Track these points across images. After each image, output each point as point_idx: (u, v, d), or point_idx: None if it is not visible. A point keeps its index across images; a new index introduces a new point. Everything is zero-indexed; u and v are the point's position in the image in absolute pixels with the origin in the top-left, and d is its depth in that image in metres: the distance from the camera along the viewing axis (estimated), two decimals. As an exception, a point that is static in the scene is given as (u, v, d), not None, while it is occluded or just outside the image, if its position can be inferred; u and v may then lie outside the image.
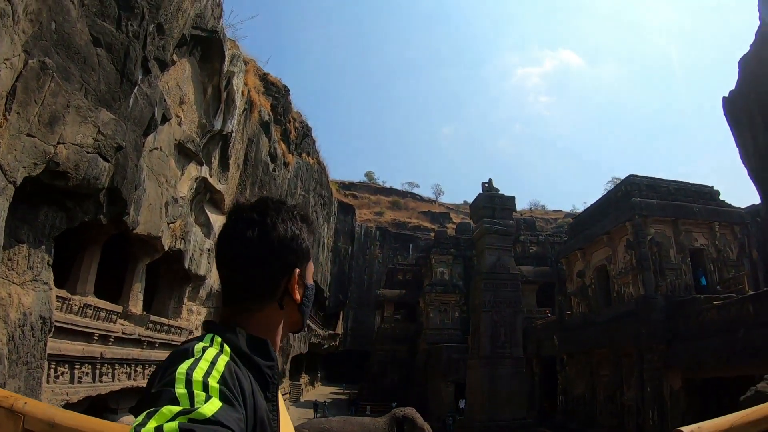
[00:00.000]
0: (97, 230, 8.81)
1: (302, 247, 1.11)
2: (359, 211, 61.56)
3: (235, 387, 0.85)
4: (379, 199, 68.35)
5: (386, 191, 72.45)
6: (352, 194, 65.60)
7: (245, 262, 1.04)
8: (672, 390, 17.26)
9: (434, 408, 29.53)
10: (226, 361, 0.88)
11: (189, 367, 0.84)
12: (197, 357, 0.87)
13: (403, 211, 66.60)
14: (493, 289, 20.86)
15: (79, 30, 6.47)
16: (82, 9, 6.61)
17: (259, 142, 17.85)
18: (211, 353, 0.89)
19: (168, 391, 0.79)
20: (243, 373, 0.92)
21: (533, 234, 34.75)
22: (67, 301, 7.82)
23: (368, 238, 59.54)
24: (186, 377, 0.81)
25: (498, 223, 21.36)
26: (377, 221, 61.90)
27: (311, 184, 32.50)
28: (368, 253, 58.82)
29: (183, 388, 0.79)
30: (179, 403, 0.76)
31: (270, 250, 1.05)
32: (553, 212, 66.17)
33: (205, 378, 0.82)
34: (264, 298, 1.07)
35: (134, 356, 9.96)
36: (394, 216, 63.83)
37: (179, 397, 0.77)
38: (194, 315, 13.27)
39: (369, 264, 57.42)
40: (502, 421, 19.55)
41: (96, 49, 6.80)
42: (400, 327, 39.81)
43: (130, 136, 7.80)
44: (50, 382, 7.43)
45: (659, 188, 21.02)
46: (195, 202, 13.05)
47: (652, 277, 19.10)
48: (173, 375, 0.82)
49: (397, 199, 69.56)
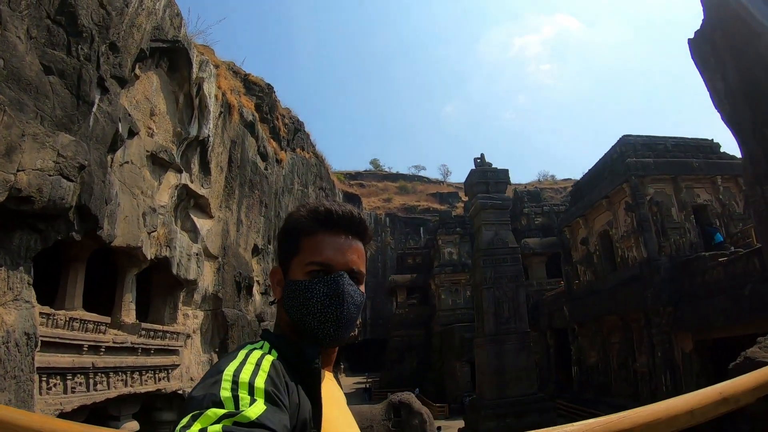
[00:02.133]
0: (77, 247, 9.43)
1: (288, 242, 1.12)
2: (367, 199, 62.19)
3: (282, 386, 0.88)
4: (386, 186, 68.78)
5: (393, 177, 72.82)
6: (358, 183, 66.25)
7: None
8: (683, 353, 17.26)
9: (452, 389, 30.12)
10: (271, 361, 0.91)
11: (236, 369, 0.86)
12: (242, 359, 0.90)
13: (411, 195, 67.02)
14: (493, 265, 20.92)
15: (28, 62, 7.00)
16: (31, 42, 7.13)
17: (244, 143, 18.34)
18: (256, 355, 0.92)
19: (213, 394, 0.81)
20: (288, 372, 0.95)
21: (538, 205, 34.92)
22: (51, 317, 8.46)
23: (378, 225, 60.09)
24: (233, 378, 0.84)
25: (493, 198, 21.37)
26: (386, 208, 62.45)
27: (310, 178, 32.97)
28: (379, 240, 59.44)
29: (228, 390, 0.81)
30: (224, 406, 0.79)
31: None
32: (562, 182, 65.57)
33: (251, 379, 0.84)
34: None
35: (129, 364, 10.62)
36: (402, 201, 64.30)
37: (224, 400, 0.80)
38: (190, 319, 13.92)
39: (381, 251, 58.05)
40: (511, 397, 19.78)
41: (48, 77, 7.33)
42: (414, 311, 40.40)
43: (94, 155, 8.36)
44: (43, 393, 8.10)
45: (656, 146, 20.82)
46: (180, 209, 13.62)
47: (655, 238, 19.04)
48: (219, 376, 0.84)
49: (404, 184, 69.89)
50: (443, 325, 33.79)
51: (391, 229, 60.50)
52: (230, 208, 16.81)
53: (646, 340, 19.00)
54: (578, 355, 24.66)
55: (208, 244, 14.64)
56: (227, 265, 15.93)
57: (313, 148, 33.95)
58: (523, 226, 34.20)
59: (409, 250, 45.46)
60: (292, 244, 1.11)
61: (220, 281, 15.35)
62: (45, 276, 10.16)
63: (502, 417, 19.24)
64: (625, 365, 20.71)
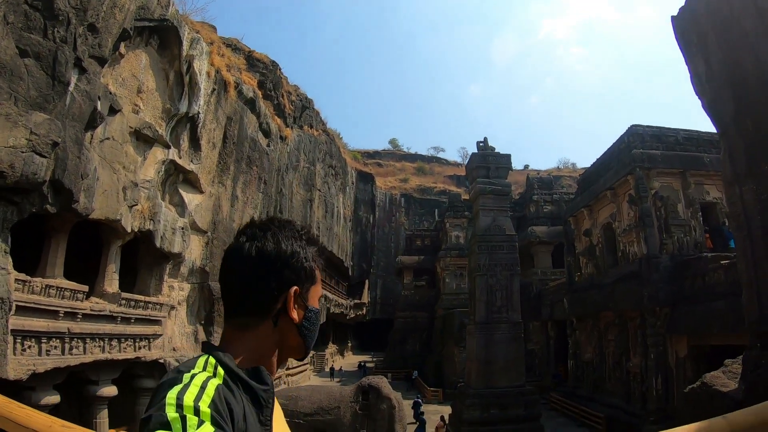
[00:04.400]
0: (58, 219, 10.26)
1: (303, 266, 1.15)
2: (384, 178, 62.78)
3: (225, 411, 0.88)
4: (403, 166, 69.27)
5: (411, 157, 73.29)
6: (376, 162, 66.83)
7: (242, 275, 1.10)
8: (677, 357, 16.98)
9: (449, 374, 30.65)
10: (216, 385, 0.92)
11: (179, 391, 0.87)
12: (186, 383, 0.90)
13: (428, 176, 67.35)
14: (488, 252, 20.68)
15: (4, 47, 7.67)
16: (7, 27, 7.81)
17: (243, 120, 18.97)
18: (200, 378, 0.92)
19: (160, 415, 0.82)
20: (236, 396, 0.96)
21: (548, 193, 34.82)
22: (27, 283, 9.32)
23: (393, 205, 60.82)
24: (177, 402, 0.84)
25: (492, 183, 21.14)
26: (402, 188, 63.04)
27: (318, 156, 33.61)
28: (393, 220, 60.18)
29: (174, 412, 0.82)
30: (171, 428, 0.80)
31: (267, 264, 1.10)
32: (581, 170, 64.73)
33: (195, 402, 0.85)
34: (259, 314, 1.10)
35: (107, 331, 11.52)
36: (419, 182, 64.72)
37: (171, 421, 0.81)
38: (176, 291, 14.80)
39: (395, 231, 58.79)
40: (498, 388, 19.67)
41: (23, 60, 8.02)
42: (420, 293, 40.94)
43: (69, 132, 9.08)
44: (17, 354, 8.98)
45: (665, 138, 20.40)
46: (168, 183, 14.38)
47: (657, 234, 18.75)
48: (164, 400, 0.85)
49: (422, 165, 70.28)
50: (446, 309, 34.19)
51: (405, 209, 61.20)
52: (224, 183, 17.52)
53: (640, 340, 18.85)
54: (575, 349, 24.76)
55: (197, 218, 15.39)
56: (217, 239, 16.70)
57: (323, 125, 34.46)
58: (532, 214, 34.26)
59: (418, 231, 45.87)
60: (310, 273, 1.18)
61: (208, 255, 16.14)
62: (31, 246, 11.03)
63: (486, 407, 19.16)
64: (620, 364, 20.64)
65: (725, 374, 8.58)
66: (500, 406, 19.49)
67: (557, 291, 26.78)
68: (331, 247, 40.87)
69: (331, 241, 41.20)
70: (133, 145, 12.04)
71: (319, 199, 35.96)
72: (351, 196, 51.27)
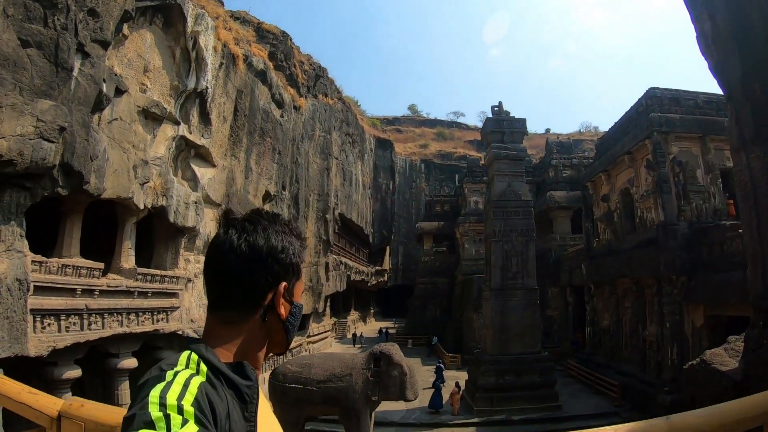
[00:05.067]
0: (72, 201, 10.75)
1: (291, 262, 1.15)
2: (403, 144, 62.70)
3: (207, 410, 0.88)
4: (423, 132, 69.05)
5: (430, 123, 73.01)
6: (395, 129, 66.76)
7: (230, 269, 1.09)
8: (694, 326, 16.86)
9: (468, 340, 31.08)
10: (198, 384, 0.92)
11: (162, 389, 0.87)
12: (169, 380, 0.90)
13: (448, 141, 67.03)
14: (504, 218, 20.79)
15: (5, 39, 7.97)
16: (8, 19, 8.09)
17: (253, 92, 19.16)
18: (183, 376, 0.92)
19: (144, 414, 0.83)
20: (220, 393, 0.96)
21: (567, 157, 34.35)
22: (44, 264, 9.89)
23: (413, 171, 60.84)
24: (160, 401, 0.85)
25: (507, 148, 21.11)
26: (422, 154, 62.91)
27: (334, 124, 33.68)
28: (414, 186, 60.29)
29: (158, 411, 0.83)
30: (155, 427, 0.81)
31: (256, 258, 1.09)
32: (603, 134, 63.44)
33: (179, 401, 0.85)
34: (247, 308, 1.10)
35: (124, 306, 12.17)
36: (439, 147, 64.47)
37: (155, 420, 0.81)
38: (192, 264, 15.37)
39: (416, 197, 58.97)
40: (513, 354, 20.10)
41: (26, 50, 8.33)
42: (440, 259, 41.29)
43: (76, 116, 9.45)
44: (37, 332, 9.62)
45: (685, 101, 19.85)
46: (180, 159, 14.77)
47: (674, 201, 18.46)
48: (146, 399, 0.85)
49: (442, 130, 69.99)
50: (465, 274, 34.52)
51: (426, 175, 61.19)
52: (236, 156, 17.86)
53: (656, 308, 18.73)
54: (592, 315, 24.83)
55: (210, 192, 15.81)
56: (231, 211, 17.14)
57: (339, 94, 34.40)
58: (551, 178, 33.92)
59: (437, 197, 45.92)
60: (297, 269, 1.18)
61: (223, 227, 16.60)
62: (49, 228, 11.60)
63: (501, 374, 19.70)
64: (636, 332, 20.63)
65: (727, 352, 8.45)
66: (515, 372, 19.87)
67: (576, 257, 26.76)
68: (350, 214, 41.28)
69: (350, 209, 41.59)
70: (142, 124, 12.40)
71: (336, 167, 36.16)
72: (370, 163, 51.39)
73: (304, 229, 27.90)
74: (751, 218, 9.17)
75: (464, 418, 18.91)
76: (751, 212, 9.15)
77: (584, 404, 19.95)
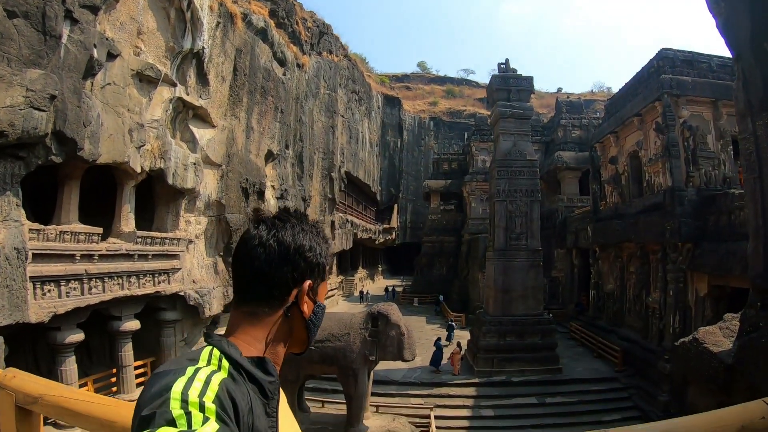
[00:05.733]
0: (68, 167, 10.84)
1: (318, 261, 1.17)
2: (412, 102, 61.96)
3: (229, 407, 0.89)
4: (432, 89, 67.94)
5: (440, 80, 71.68)
6: (405, 86, 65.79)
7: (258, 263, 1.11)
8: (697, 295, 16.81)
9: (473, 299, 31.48)
10: (220, 380, 0.92)
11: (184, 386, 0.87)
12: (190, 376, 0.90)
13: (458, 99, 65.96)
14: (508, 177, 20.71)
15: (-9, 12, 7.87)
16: (-8, -8, 7.95)
17: (254, 51, 18.88)
18: (204, 372, 0.93)
19: (165, 412, 0.82)
20: (242, 388, 0.96)
21: (577, 117, 33.74)
22: (41, 232, 10.09)
23: (422, 129, 60.29)
24: (182, 397, 0.85)
25: (513, 106, 20.78)
26: (431, 111, 62.16)
27: (339, 82, 33.24)
28: (423, 144, 59.85)
29: (180, 408, 0.83)
30: (176, 425, 0.80)
31: (284, 254, 1.11)
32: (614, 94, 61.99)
33: (200, 398, 0.85)
34: (271, 303, 1.12)
35: (125, 269, 12.44)
36: (448, 105, 63.58)
37: (176, 418, 0.81)
38: (192, 225, 15.59)
39: (425, 155, 58.60)
40: (515, 316, 20.35)
41: (12, 21, 8.27)
42: (447, 218, 41.33)
43: (67, 83, 9.44)
44: (38, 299, 9.92)
45: (698, 64, 19.25)
46: (178, 121, 14.77)
47: (683, 166, 18.15)
48: (168, 394, 0.85)
49: (451, 88, 68.80)
50: (472, 233, 34.67)
51: (435, 133, 60.62)
52: (237, 116, 17.78)
53: (661, 275, 18.70)
54: (597, 279, 24.95)
55: (210, 152, 15.84)
56: (232, 172, 17.22)
57: (344, 50, 33.84)
58: (559, 139, 33.46)
59: (445, 155, 45.51)
60: (322, 270, 1.20)
61: (224, 188, 16.74)
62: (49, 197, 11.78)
63: (503, 335, 20.06)
64: (640, 298, 20.69)
65: (721, 330, 8.25)
66: (517, 333, 20.20)
67: (582, 219, 26.69)
68: (356, 172, 41.23)
69: (357, 167, 41.50)
70: (137, 87, 12.33)
71: (342, 125, 35.86)
72: (377, 121, 50.95)
73: (309, 188, 27.98)
74: (755, 190, 8.71)
75: (464, 378, 19.37)
76: (755, 184, 8.68)
77: (585, 368, 20.33)
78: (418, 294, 38.66)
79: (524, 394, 18.05)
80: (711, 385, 6.59)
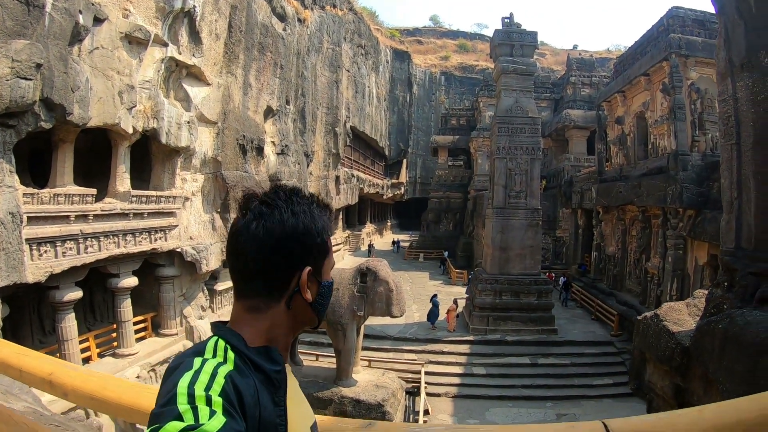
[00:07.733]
0: (61, 131, 11.26)
1: (316, 242, 1.14)
2: (423, 56, 61.18)
3: (235, 400, 0.91)
4: (445, 43, 66.74)
5: (452, 34, 70.21)
6: (416, 40, 64.81)
7: (252, 257, 1.09)
8: (697, 264, 16.77)
9: (477, 256, 31.84)
10: (225, 373, 0.94)
11: (190, 381, 0.90)
12: (197, 369, 0.93)
13: (470, 54, 64.65)
14: (509, 134, 20.62)
15: (-29, -16, 8.10)
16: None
17: (250, 6, 18.82)
18: (210, 365, 0.95)
19: (172, 408, 0.85)
20: (248, 379, 0.98)
21: (587, 75, 33.12)
22: (35, 196, 10.61)
23: (433, 83, 59.69)
24: (188, 392, 0.88)
25: (515, 62, 20.53)
26: (442, 66, 61.39)
27: (344, 36, 32.89)
28: (433, 99, 59.32)
29: (186, 403, 0.86)
30: (183, 420, 0.83)
31: (277, 245, 1.08)
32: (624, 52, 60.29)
33: (206, 392, 0.88)
34: (271, 296, 1.11)
35: (120, 228, 13.00)
36: (460, 60, 62.58)
37: (183, 413, 0.84)
38: (189, 183, 16.10)
39: (435, 110, 58.14)
40: (512, 275, 20.64)
41: (-7, -6, 8.47)
42: (455, 173, 41.54)
43: (53, 51, 9.75)
44: (35, 260, 10.53)
45: (710, 24, 18.52)
46: (171, 80, 15.04)
47: (688, 130, 17.98)
48: (175, 390, 0.89)
49: (464, 42, 67.44)
50: (478, 190, 34.79)
51: (446, 88, 59.98)
52: (233, 73, 17.93)
53: (661, 240, 18.77)
54: (599, 240, 25.14)
55: (205, 110, 16.14)
56: (228, 129, 17.52)
57: (349, 4, 33.34)
58: (569, 96, 33.02)
59: (454, 110, 45.16)
60: (323, 248, 1.17)
61: (220, 145, 17.11)
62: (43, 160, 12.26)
63: (499, 293, 20.47)
64: (640, 262, 20.84)
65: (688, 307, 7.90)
66: (513, 292, 20.54)
67: (587, 179, 26.69)
68: (363, 127, 41.20)
69: (363, 122, 41.43)
70: (126, 50, 12.54)
71: (347, 80, 35.62)
72: (386, 76, 50.43)
73: (312, 143, 28.18)
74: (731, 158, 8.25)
75: (459, 335, 19.84)
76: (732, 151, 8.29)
77: (581, 330, 20.68)
78: (424, 250, 39.24)
79: (517, 354, 18.44)
80: (666, 366, 6.53)
